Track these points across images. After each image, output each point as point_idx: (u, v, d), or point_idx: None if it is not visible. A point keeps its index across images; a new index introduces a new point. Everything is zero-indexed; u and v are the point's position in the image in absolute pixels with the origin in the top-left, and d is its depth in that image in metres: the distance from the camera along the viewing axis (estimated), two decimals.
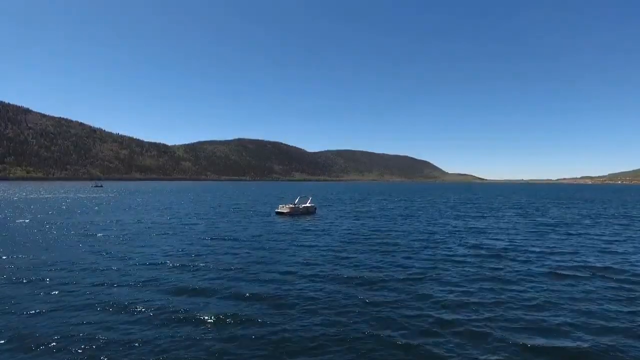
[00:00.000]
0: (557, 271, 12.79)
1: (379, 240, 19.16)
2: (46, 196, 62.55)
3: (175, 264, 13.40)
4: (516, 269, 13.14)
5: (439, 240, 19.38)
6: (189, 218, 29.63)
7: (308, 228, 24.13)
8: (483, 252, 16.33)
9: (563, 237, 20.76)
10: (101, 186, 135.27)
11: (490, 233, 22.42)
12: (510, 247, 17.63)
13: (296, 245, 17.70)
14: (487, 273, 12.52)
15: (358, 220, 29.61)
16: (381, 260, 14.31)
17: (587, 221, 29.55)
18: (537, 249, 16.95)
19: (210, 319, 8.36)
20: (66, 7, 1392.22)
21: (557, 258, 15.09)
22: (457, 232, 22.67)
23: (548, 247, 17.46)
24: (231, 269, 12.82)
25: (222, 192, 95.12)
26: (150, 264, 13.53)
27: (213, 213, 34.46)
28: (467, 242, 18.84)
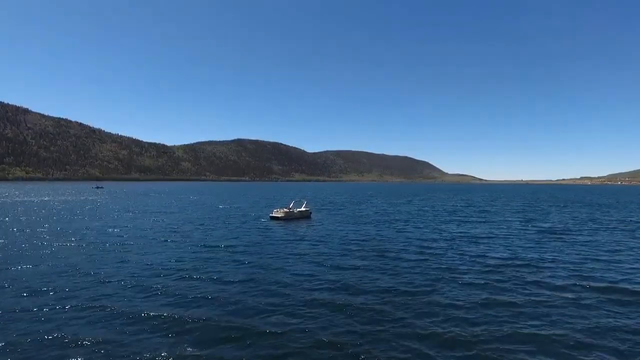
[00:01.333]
0: (564, 294, 12.01)
1: (376, 251, 18.36)
2: (43, 199, 61.77)
3: (154, 285, 12.48)
4: (522, 288, 12.38)
5: (439, 252, 18.57)
6: (181, 224, 28.88)
7: (303, 236, 23.37)
8: (486, 266, 15.53)
9: (566, 247, 19.97)
10: (102, 187, 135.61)
11: (491, 242, 21.64)
12: (513, 259, 16.84)
13: (289, 257, 16.90)
14: (492, 295, 11.76)
15: (355, 226, 28.89)
16: (378, 279, 13.52)
17: (589, 228, 28.81)
18: (542, 262, 16.17)
19: None
20: (66, 7, 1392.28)
21: (563, 274, 14.32)
22: (459, 241, 21.84)
23: (553, 260, 16.66)
24: (217, 290, 11.98)
25: (220, 193, 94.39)
26: (126, 282, 12.69)
27: (207, 218, 33.71)
28: (469, 254, 18.03)
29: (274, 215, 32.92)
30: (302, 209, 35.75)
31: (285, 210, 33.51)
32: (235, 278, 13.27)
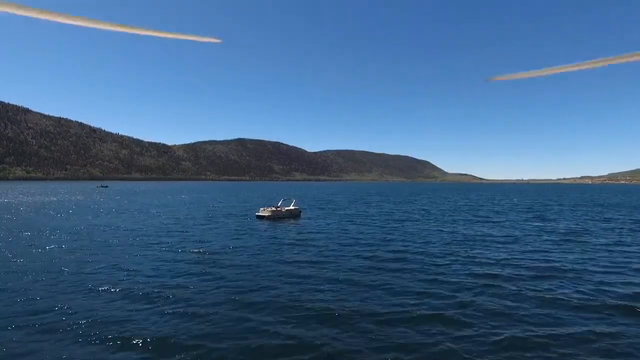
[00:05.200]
0: (600, 307, 10.03)
1: (370, 257, 16.10)
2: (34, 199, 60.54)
3: (111, 298, 10.62)
4: (552, 302, 10.32)
5: (448, 257, 16.42)
6: (162, 223, 26.98)
7: (289, 238, 21.07)
8: (506, 273, 13.38)
9: (593, 252, 17.85)
10: (107, 186, 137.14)
11: (508, 245, 19.44)
12: (536, 265, 14.67)
13: (270, 263, 14.68)
14: (513, 310, 9.63)
15: (348, 226, 26.83)
16: (373, 285, 11.45)
17: (609, 230, 27.34)
18: (570, 269, 14.13)
19: None
20: (66, 8, 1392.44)
21: (598, 283, 12.26)
22: (471, 244, 19.68)
23: (582, 266, 14.63)
24: (186, 306, 10.07)
25: (218, 192, 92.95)
26: (81, 291, 10.84)
27: (195, 217, 31.77)
28: (485, 259, 15.84)
29: (260, 214, 31.36)
30: (291, 207, 34.11)
31: (272, 209, 31.88)
32: (198, 300, 11.09)
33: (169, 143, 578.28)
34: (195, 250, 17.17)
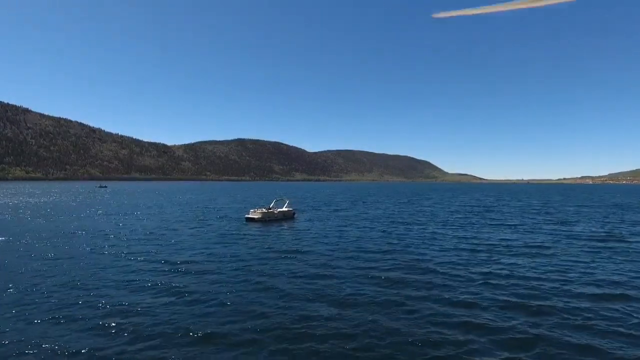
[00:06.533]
0: None
1: (378, 273, 13.58)
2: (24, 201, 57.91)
3: (55, 331, 8.14)
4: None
5: (471, 274, 13.75)
6: (146, 227, 24.32)
7: (281, 247, 18.44)
8: (557, 303, 10.44)
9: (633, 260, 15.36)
10: (106, 187, 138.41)
11: (538, 256, 16.79)
12: (595, 291, 11.88)
13: (254, 285, 11.83)
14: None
15: (349, 231, 24.25)
16: (384, 324, 8.96)
17: (633, 233, 24.71)
18: (616, 285, 11.62)
19: None
20: (66, 7, 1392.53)
21: None
22: (495, 255, 17.01)
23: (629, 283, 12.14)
24: (137, 350, 7.57)
25: (215, 192, 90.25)
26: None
27: (180, 220, 29.21)
28: (521, 279, 13.06)
29: (250, 216, 29.01)
30: (284, 209, 31.83)
31: (264, 210, 29.50)
32: (162, 322, 8.67)
33: (169, 143, 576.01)
34: (170, 263, 14.58)
